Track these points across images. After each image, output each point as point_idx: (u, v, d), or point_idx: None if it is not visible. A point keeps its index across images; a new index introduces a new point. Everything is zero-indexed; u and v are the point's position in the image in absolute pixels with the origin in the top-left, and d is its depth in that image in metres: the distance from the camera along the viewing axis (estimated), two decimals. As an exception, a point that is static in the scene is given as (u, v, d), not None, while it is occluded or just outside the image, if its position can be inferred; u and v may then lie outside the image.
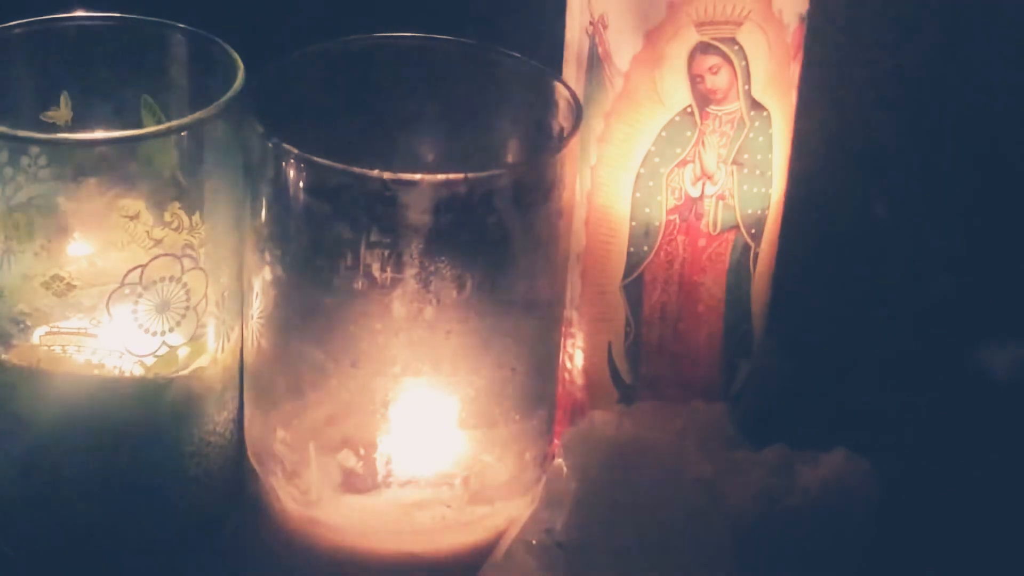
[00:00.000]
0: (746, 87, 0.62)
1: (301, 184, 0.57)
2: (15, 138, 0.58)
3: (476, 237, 0.58)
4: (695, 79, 0.61)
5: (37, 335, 0.60)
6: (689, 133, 0.62)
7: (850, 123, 0.77)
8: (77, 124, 0.63)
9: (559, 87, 0.62)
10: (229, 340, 0.63)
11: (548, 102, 0.62)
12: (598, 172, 0.64)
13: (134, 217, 0.59)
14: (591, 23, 0.62)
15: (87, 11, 0.63)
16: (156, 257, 0.59)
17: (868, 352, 0.75)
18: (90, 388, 0.60)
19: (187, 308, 0.60)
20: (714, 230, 0.64)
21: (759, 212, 0.65)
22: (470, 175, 0.56)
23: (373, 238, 0.57)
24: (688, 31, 0.61)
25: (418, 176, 0.56)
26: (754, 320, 0.67)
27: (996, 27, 0.75)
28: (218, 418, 0.63)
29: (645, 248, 0.64)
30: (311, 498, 0.61)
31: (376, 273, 0.57)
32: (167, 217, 0.59)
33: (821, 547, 0.60)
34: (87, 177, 0.58)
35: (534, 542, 0.59)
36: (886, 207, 0.76)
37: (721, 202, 0.64)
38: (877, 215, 0.75)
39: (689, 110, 0.62)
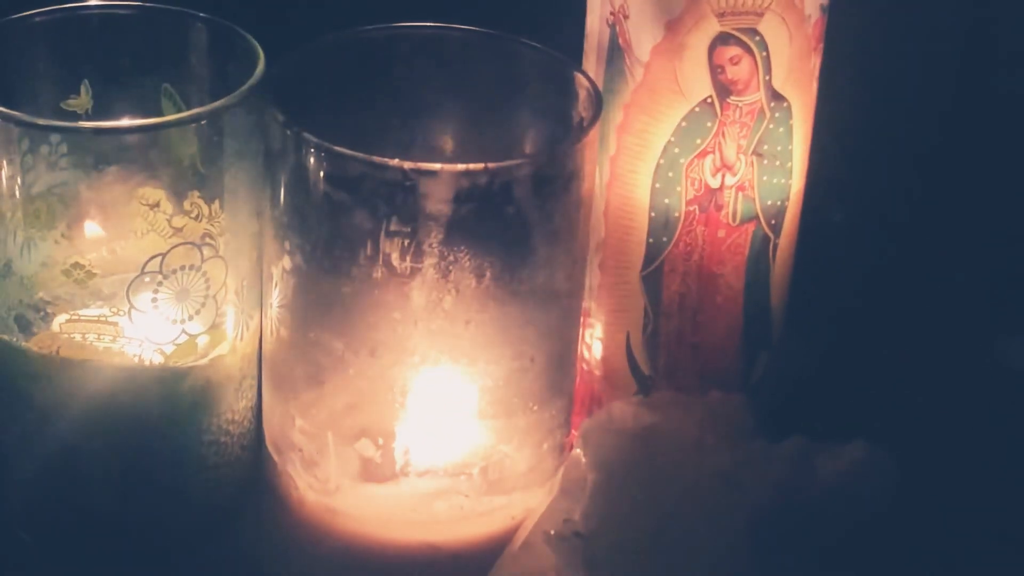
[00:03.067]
0: (767, 78, 0.62)
1: (321, 173, 0.57)
2: (36, 126, 0.58)
3: (495, 227, 0.58)
4: (716, 69, 0.61)
5: (57, 323, 0.60)
6: (709, 124, 0.62)
7: (870, 115, 0.77)
8: (97, 113, 0.63)
9: (579, 77, 0.62)
10: (248, 329, 0.63)
11: (568, 92, 0.62)
12: (618, 162, 0.64)
13: (154, 205, 0.59)
14: (612, 13, 0.62)
15: (108, -1, 0.63)
16: (176, 246, 0.59)
17: (887, 344, 0.75)
18: (110, 376, 0.60)
19: (207, 296, 0.60)
20: (734, 221, 0.64)
21: (779, 203, 0.65)
22: (490, 165, 0.56)
23: (393, 227, 0.57)
24: (709, 21, 0.61)
25: (438, 166, 0.56)
26: (773, 311, 0.66)
27: (1020, 19, 0.75)
28: (237, 407, 0.63)
29: (664, 239, 0.64)
30: (329, 487, 0.61)
31: (395, 262, 0.57)
32: (187, 206, 0.59)
33: (840, 539, 0.60)
34: (107, 165, 0.58)
35: (552, 532, 0.59)
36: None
37: (741, 193, 0.64)
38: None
39: (709, 101, 0.62)
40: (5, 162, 0.58)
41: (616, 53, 0.62)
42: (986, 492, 0.67)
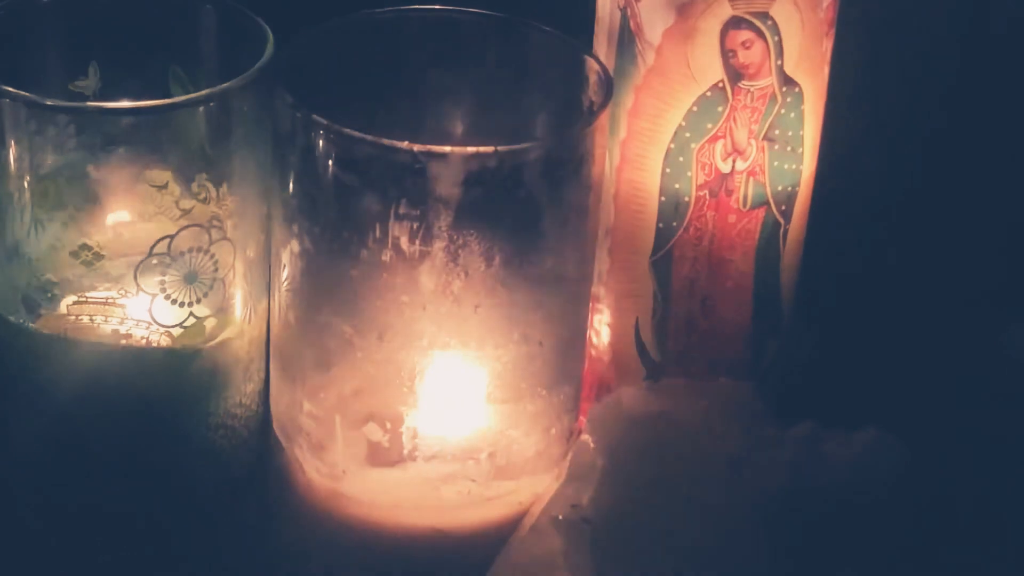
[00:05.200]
0: (779, 62, 0.62)
1: (330, 156, 0.57)
2: (44, 107, 0.57)
3: (505, 210, 0.57)
4: (727, 54, 0.61)
5: (65, 304, 0.60)
6: (720, 108, 0.62)
7: (882, 100, 0.76)
8: (106, 94, 0.63)
9: (590, 61, 0.62)
10: (256, 312, 0.62)
11: (579, 76, 0.62)
12: (628, 147, 0.63)
13: (162, 187, 0.59)
14: (623, -4, 0.62)
15: (117, -20, 0.63)
16: (184, 228, 0.59)
17: (897, 329, 0.75)
18: (117, 358, 0.60)
19: (215, 279, 0.60)
20: (744, 206, 0.64)
21: (789, 189, 0.64)
22: (500, 148, 0.56)
23: (402, 210, 0.57)
24: (721, 5, 0.60)
25: (448, 148, 0.56)
26: (783, 297, 0.66)
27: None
28: (244, 390, 0.63)
29: (674, 224, 0.64)
30: (337, 471, 0.61)
31: (404, 246, 0.57)
32: (195, 188, 0.59)
33: (849, 524, 0.60)
34: (115, 147, 0.58)
35: (560, 517, 0.59)
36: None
37: (751, 178, 0.63)
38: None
39: (721, 85, 0.62)
40: (13, 143, 0.58)
41: (627, 37, 0.62)
42: (994, 478, 0.66)
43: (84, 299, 0.60)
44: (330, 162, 0.57)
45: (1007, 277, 0.78)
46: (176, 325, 0.60)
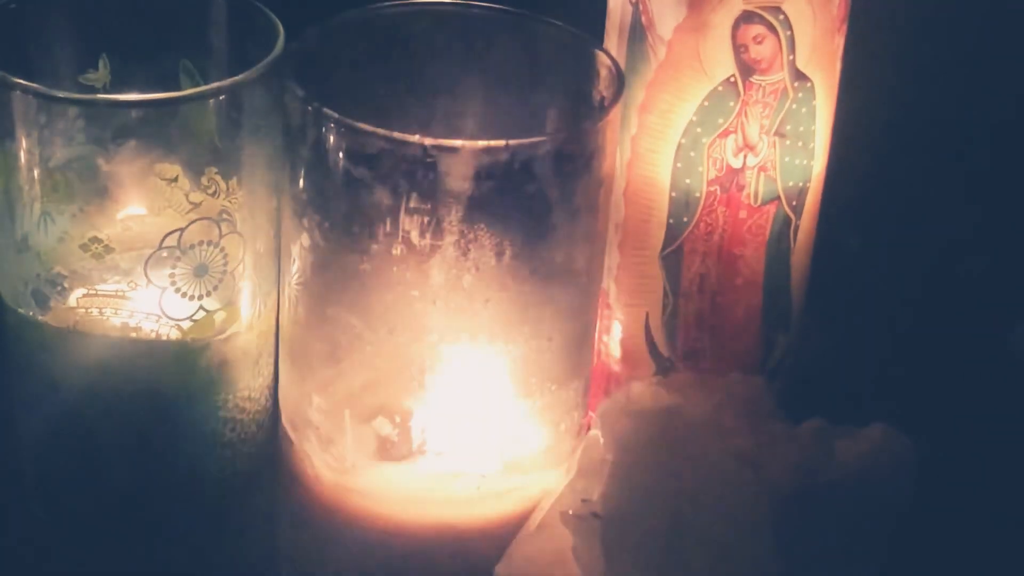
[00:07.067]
0: (790, 57, 0.61)
1: (340, 149, 0.57)
2: (54, 99, 0.57)
3: (516, 205, 0.57)
4: (739, 48, 0.61)
5: (74, 297, 0.60)
6: (732, 103, 0.62)
7: (894, 95, 0.76)
8: (116, 88, 0.63)
9: (601, 56, 0.61)
10: (265, 306, 0.62)
11: (589, 71, 0.62)
12: (639, 142, 0.63)
13: (172, 181, 0.59)
14: (634, -9, 0.62)
15: (127, -27, 0.63)
16: (194, 221, 0.59)
17: (908, 326, 0.75)
18: (126, 352, 0.60)
19: (224, 273, 0.60)
20: (755, 202, 0.64)
21: (801, 184, 0.64)
22: (511, 142, 0.56)
23: (412, 204, 0.57)
24: None
25: (459, 142, 0.56)
26: (793, 293, 0.66)
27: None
28: (253, 384, 0.63)
29: (685, 219, 0.63)
30: (345, 466, 0.61)
31: (415, 240, 0.57)
32: (204, 181, 0.59)
33: (858, 522, 0.60)
34: (125, 140, 0.58)
35: (570, 512, 0.59)
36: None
37: (763, 174, 0.63)
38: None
39: (732, 80, 0.61)
40: (23, 135, 0.58)
41: (638, 31, 0.62)
42: (1003, 475, 0.66)
43: (94, 292, 0.60)
44: (340, 156, 0.57)
45: (1017, 275, 0.78)
46: (186, 318, 0.60)
